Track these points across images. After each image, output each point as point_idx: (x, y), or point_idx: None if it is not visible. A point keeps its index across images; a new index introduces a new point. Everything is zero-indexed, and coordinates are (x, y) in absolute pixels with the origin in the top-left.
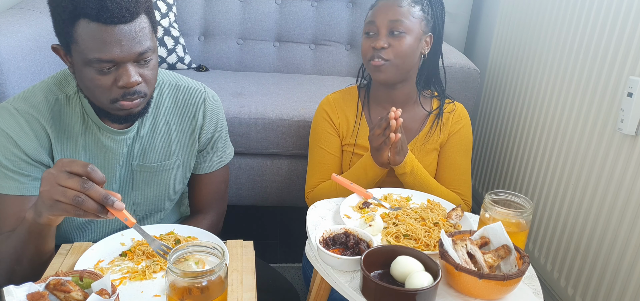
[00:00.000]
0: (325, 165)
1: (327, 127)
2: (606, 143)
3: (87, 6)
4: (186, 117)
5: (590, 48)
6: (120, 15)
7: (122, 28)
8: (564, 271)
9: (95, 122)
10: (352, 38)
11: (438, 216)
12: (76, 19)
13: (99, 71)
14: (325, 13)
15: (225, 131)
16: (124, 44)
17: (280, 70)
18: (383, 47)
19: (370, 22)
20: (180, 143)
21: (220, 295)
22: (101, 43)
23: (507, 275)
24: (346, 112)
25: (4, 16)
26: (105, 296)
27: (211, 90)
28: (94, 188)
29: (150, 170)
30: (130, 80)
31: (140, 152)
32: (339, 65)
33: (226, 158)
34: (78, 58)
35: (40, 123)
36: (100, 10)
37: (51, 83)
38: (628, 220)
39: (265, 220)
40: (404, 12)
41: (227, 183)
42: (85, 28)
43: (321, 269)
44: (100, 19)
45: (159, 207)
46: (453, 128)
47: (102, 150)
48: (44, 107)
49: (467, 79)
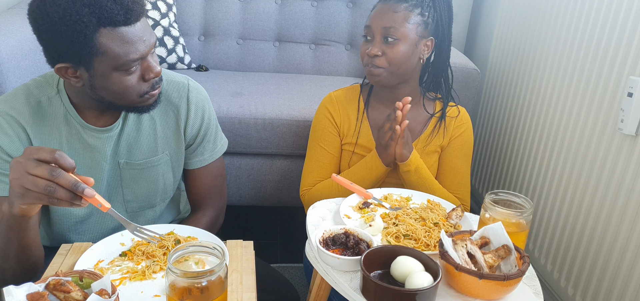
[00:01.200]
0: (323, 164)
1: (329, 126)
2: (606, 143)
3: (113, 14)
4: (170, 111)
5: (590, 48)
6: (137, 14)
7: (138, 25)
8: (564, 272)
9: (78, 122)
10: (352, 38)
11: (438, 216)
12: (98, 30)
13: (127, 72)
14: (325, 13)
15: (214, 123)
16: (145, 39)
17: (280, 70)
18: (376, 54)
19: (367, 26)
20: (166, 138)
21: (220, 295)
22: (129, 44)
23: (507, 275)
24: (348, 111)
25: (4, 16)
26: (105, 297)
27: (195, 83)
28: (63, 176)
29: (138, 167)
30: (156, 69)
31: (126, 150)
32: (339, 65)
33: (218, 151)
34: (103, 67)
35: (21, 125)
36: (126, 13)
37: (32, 86)
38: (628, 220)
39: (265, 220)
40: (398, 18)
41: (223, 177)
42: (110, 35)
43: (321, 269)
44: (127, 22)
45: (150, 203)
46: (455, 132)
47: (87, 150)
48: (25, 109)
49: (467, 79)
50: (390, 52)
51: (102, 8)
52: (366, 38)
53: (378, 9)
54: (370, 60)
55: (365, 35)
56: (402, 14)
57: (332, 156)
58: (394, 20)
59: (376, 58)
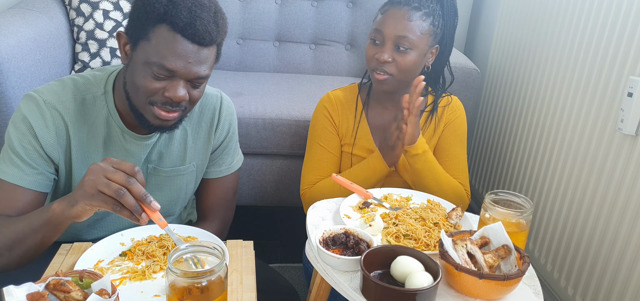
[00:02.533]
0: (323, 163)
1: (327, 125)
2: (606, 143)
3: (177, 16)
4: (203, 123)
5: (590, 48)
6: (202, 37)
7: (196, 48)
8: (564, 271)
9: (119, 126)
10: (352, 38)
11: (438, 216)
12: (161, 22)
13: (155, 75)
14: (325, 13)
15: (235, 138)
16: (190, 62)
17: (280, 70)
18: (387, 61)
19: (377, 30)
20: (195, 149)
21: (220, 295)
22: (171, 52)
23: (507, 275)
24: (347, 111)
25: (4, 16)
26: (105, 296)
27: (227, 97)
28: (137, 185)
29: (164, 174)
30: (178, 94)
31: (157, 157)
32: (339, 65)
33: (234, 165)
34: (142, 55)
35: (64, 121)
36: (187, 25)
37: (80, 82)
38: (628, 220)
39: (265, 220)
40: (412, 27)
41: (235, 191)
42: (164, 33)
43: (321, 269)
44: (184, 33)
45: (170, 211)
46: (449, 118)
47: (123, 154)
48: (71, 105)
49: (467, 79)
50: (401, 60)
51: (177, 7)
52: (375, 42)
53: (390, 15)
54: (379, 65)
55: (374, 39)
56: (415, 23)
57: (331, 155)
58: (408, 29)
59: (386, 64)
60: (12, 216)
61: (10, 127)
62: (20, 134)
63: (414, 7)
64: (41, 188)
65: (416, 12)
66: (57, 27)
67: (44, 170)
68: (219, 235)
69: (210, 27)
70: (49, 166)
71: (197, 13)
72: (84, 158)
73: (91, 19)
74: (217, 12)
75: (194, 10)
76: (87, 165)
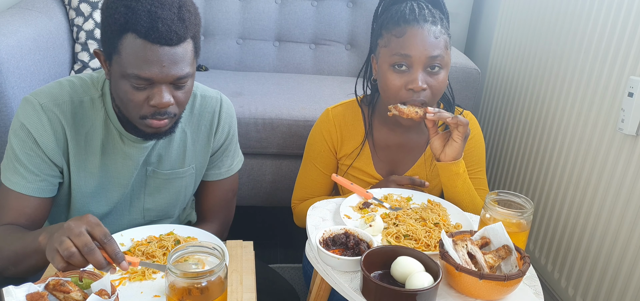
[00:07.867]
0: (316, 184)
1: (324, 149)
2: (607, 143)
3: (138, 23)
4: (203, 125)
5: (591, 48)
6: (168, 38)
7: (166, 50)
8: (564, 272)
9: (118, 129)
10: (352, 38)
11: (438, 216)
12: (124, 32)
13: (134, 86)
14: (325, 13)
15: (235, 140)
16: (164, 66)
17: (280, 70)
18: (423, 89)
19: (403, 55)
20: (195, 151)
21: (220, 295)
22: (143, 60)
23: (507, 276)
24: (347, 131)
25: (3, 16)
26: (104, 297)
27: (227, 98)
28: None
29: (163, 176)
30: (162, 101)
31: (156, 159)
32: (339, 65)
33: (234, 167)
34: (117, 69)
35: (61, 124)
36: (149, 29)
37: (77, 84)
38: (629, 220)
39: (265, 220)
40: (441, 44)
41: (234, 193)
42: (131, 43)
43: (321, 269)
44: (148, 37)
45: (168, 213)
46: None
47: (121, 157)
48: (68, 107)
49: (467, 79)
50: (434, 81)
51: (135, 13)
52: (400, 68)
53: (412, 35)
54: (413, 95)
55: (399, 64)
56: (442, 39)
57: (325, 176)
58: (438, 47)
59: (422, 92)
60: (22, 224)
61: (11, 134)
62: (20, 141)
63: (431, 21)
64: (45, 195)
65: (435, 26)
66: (56, 27)
67: (47, 176)
68: (219, 236)
69: (175, 25)
70: (53, 170)
71: (158, 14)
72: (82, 162)
73: (91, 19)
74: (182, 7)
75: (153, 11)
76: (85, 169)
